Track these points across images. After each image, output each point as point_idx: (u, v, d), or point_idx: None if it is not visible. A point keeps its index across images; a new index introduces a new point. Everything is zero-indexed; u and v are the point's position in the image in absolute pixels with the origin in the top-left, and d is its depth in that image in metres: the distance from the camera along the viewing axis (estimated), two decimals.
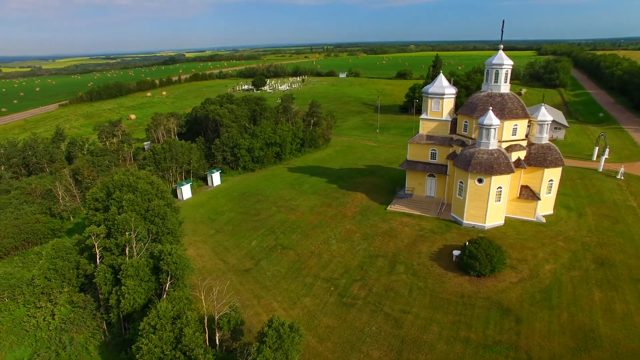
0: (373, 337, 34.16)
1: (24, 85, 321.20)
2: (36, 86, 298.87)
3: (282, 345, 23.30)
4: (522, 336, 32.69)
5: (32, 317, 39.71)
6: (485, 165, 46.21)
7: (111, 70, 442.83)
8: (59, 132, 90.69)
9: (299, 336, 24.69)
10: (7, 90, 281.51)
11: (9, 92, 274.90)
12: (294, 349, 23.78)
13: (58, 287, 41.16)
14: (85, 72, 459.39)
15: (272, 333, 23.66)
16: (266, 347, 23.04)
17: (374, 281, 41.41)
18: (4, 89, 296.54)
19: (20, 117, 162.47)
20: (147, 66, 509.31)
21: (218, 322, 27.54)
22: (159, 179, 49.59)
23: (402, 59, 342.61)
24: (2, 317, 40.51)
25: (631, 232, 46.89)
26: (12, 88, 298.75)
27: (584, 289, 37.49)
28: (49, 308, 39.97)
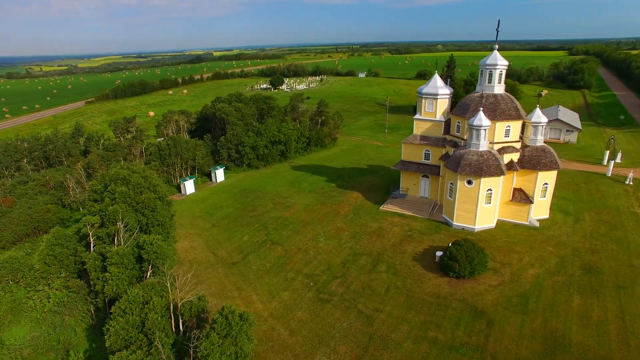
0: (342, 333, 34.71)
1: (58, 83, 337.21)
2: (69, 84, 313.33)
3: (230, 332, 24.32)
4: (490, 339, 32.45)
5: (30, 299, 42.43)
6: (475, 166, 45.76)
7: (140, 69, 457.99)
8: (78, 127, 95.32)
9: (249, 325, 25.60)
10: (42, 88, 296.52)
11: (44, 89, 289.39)
12: (243, 336, 24.71)
13: (56, 272, 43.80)
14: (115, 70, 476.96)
15: (222, 320, 24.75)
16: (214, 332, 24.15)
17: (353, 279, 41.88)
18: (40, 86, 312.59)
19: (50, 114, 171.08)
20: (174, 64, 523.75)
21: (180, 309, 28.86)
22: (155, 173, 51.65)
23: (425, 59, 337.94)
24: (4, 298, 43.51)
25: (628, 239, 45.32)
26: (47, 86, 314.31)
27: (564, 295, 36.71)
28: (46, 291, 42.60)
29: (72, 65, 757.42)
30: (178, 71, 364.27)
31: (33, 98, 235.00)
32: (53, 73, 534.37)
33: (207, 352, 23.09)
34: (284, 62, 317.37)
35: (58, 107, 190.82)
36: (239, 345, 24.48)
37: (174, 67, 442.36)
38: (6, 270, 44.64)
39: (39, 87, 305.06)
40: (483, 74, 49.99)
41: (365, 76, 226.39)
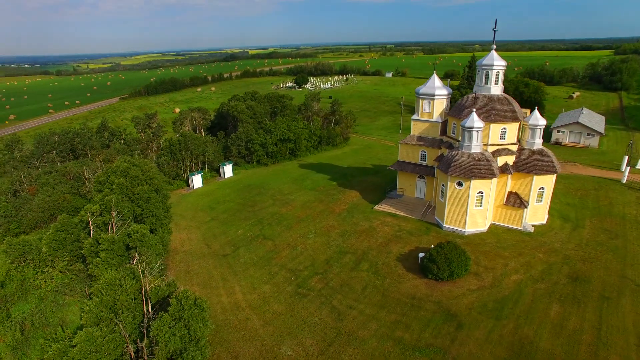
0: (312, 327, 35.48)
1: (99, 80, 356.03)
2: (109, 81, 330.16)
3: (182, 315, 25.76)
4: (456, 342, 32.21)
5: (37, 279, 46.03)
6: (465, 168, 45.13)
7: (176, 66, 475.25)
8: (104, 123, 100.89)
9: (202, 310, 26.91)
10: (85, 85, 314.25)
11: (86, 86, 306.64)
12: (197, 320, 26.09)
13: (61, 256, 47.14)
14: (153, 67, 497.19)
15: (176, 304, 26.22)
16: (167, 315, 25.70)
17: (334, 275, 42.50)
18: (83, 83, 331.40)
19: (87, 109, 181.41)
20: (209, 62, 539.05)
21: (149, 293, 30.68)
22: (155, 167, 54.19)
23: (457, 59, 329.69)
24: (15, 277, 47.46)
25: (626, 249, 43.26)
26: (89, 82, 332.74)
27: (543, 303, 35.72)
28: (50, 273, 46.06)
29: (116, 62, 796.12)
30: (211, 69, 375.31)
31: (75, 94, 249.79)
32: (97, 70, 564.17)
33: (157, 332, 24.70)
34: (311, 62, 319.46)
35: (95, 102, 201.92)
36: (192, 329, 25.87)
37: (208, 65, 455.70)
38: (18, 252, 48.52)
39: (82, 83, 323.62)
40: (480, 75, 49.08)
41: (392, 76, 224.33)
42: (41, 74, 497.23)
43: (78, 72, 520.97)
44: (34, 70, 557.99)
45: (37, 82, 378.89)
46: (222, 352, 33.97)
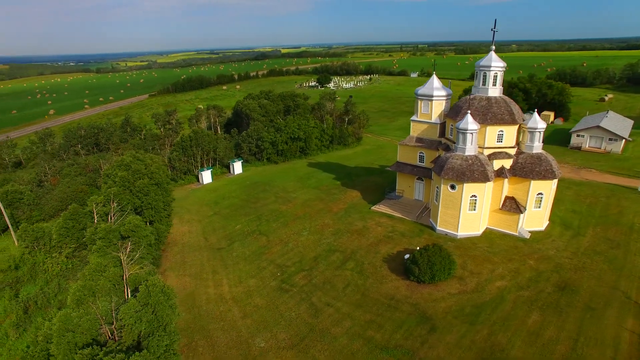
0: (288, 322, 36.27)
1: (134, 77, 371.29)
2: (142, 78, 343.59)
3: (149, 301, 27.19)
4: (425, 345, 32.08)
5: (45, 263, 49.32)
6: (458, 171, 44.52)
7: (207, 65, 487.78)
8: (127, 119, 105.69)
9: (168, 298, 28.25)
10: (119, 82, 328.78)
11: (121, 83, 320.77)
12: (163, 307, 27.46)
13: (68, 243, 50.33)
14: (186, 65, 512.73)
15: (143, 290, 27.71)
16: (134, 300, 27.24)
17: (318, 273, 43.08)
18: (118, 80, 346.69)
19: (118, 105, 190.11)
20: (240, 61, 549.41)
21: (127, 280, 32.46)
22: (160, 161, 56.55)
23: None
24: (28, 260, 51.08)
25: (625, 259, 41.32)
26: (124, 80, 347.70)
27: (522, 310, 34.87)
28: (57, 258, 49.23)
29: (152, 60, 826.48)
30: (241, 67, 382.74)
31: (110, 91, 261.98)
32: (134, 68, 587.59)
33: (123, 316, 26.26)
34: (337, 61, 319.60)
35: (126, 99, 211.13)
36: (158, 314, 27.29)
37: (238, 64, 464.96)
38: (31, 238, 52.15)
39: (117, 81, 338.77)
40: (478, 76, 48.15)
41: (417, 76, 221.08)
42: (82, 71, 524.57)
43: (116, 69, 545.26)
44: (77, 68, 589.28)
45: (78, 80, 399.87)
46: (199, 340, 35.43)
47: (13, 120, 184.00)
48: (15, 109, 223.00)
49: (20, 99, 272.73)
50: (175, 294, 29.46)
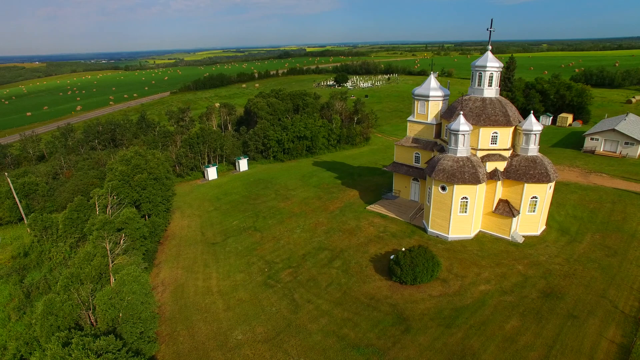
0: (267, 316, 37.00)
1: (159, 75, 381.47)
2: (166, 75, 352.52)
3: (122, 289, 28.52)
4: (397, 345, 32.11)
5: (50, 252, 51.97)
6: (448, 172, 44.09)
7: (232, 63, 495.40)
8: (142, 115, 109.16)
9: (141, 287, 29.48)
10: (145, 79, 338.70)
11: (146, 80, 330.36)
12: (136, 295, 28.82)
13: (73, 232, 52.82)
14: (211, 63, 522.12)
15: (118, 278, 29.08)
16: (109, 287, 28.69)
17: (304, 270, 43.62)
18: (144, 77, 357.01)
19: (140, 102, 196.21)
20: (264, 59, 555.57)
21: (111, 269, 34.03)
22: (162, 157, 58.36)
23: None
24: (36, 248, 53.93)
25: (620, 268, 39.91)
26: (150, 77, 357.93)
27: (502, 315, 34.32)
28: (62, 247, 51.76)
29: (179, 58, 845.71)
30: (264, 66, 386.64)
31: (135, 88, 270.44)
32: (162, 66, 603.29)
33: (97, 302, 27.71)
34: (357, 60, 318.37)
35: (149, 96, 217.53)
36: (132, 303, 28.61)
37: (261, 62, 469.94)
38: (40, 227, 55.03)
39: (142, 78, 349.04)
40: (474, 76, 47.41)
41: (437, 76, 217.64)
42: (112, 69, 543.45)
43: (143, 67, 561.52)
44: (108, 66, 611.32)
45: (107, 77, 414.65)
46: (182, 329, 36.65)
47: (43, 116, 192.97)
48: (47, 105, 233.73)
49: (52, 95, 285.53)
50: (149, 284, 30.66)
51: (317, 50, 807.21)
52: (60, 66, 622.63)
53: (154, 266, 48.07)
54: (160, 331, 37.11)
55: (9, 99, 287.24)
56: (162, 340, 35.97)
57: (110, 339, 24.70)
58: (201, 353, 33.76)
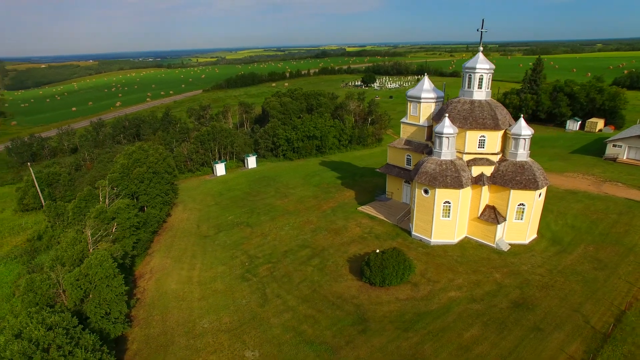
0: (236, 308, 38.33)
1: (197, 73, 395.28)
2: (203, 74, 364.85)
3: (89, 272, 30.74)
4: (350, 345, 32.33)
5: (58, 236, 56.16)
6: (431, 175, 43.53)
7: (269, 62, 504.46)
8: (167, 112, 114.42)
9: (102, 269, 31.59)
10: (184, 77, 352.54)
11: (185, 78, 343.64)
12: (101, 279, 30.97)
13: (80, 220, 56.76)
14: (250, 62, 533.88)
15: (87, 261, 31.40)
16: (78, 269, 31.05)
17: (282, 266, 44.58)
18: (182, 75, 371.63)
19: (174, 99, 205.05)
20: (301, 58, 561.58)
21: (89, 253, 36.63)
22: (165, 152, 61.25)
23: (554, 60, 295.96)
24: (49, 233, 58.47)
25: (605, 281, 37.77)
26: (188, 75, 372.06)
27: (464, 323, 33.61)
28: (68, 232, 55.77)
29: (221, 57, 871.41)
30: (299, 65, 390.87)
31: (172, 85, 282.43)
32: (203, 64, 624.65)
33: (64, 282, 30.10)
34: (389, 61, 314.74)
35: (184, 93, 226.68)
36: (98, 285, 30.84)
37: (297, 62, 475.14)
38: (53, 214, 59.55)
39: (181, 76, 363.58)
40: (464, 78, 46.34)
41: None
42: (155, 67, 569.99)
43: (185, 65, 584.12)
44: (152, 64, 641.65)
45: (149, 74, 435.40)
46: (157, 315, 38.79)
47: (87, 111, 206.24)
48: (92, 100, 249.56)
49: (98, 92, 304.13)
50: (115, 269, 32.74)
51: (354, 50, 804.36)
52: (110, 64, 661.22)
53: (147, 255, 50.85)
54: (137, 314, 39.52)
55: (61, 95, 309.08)
56: (137, 323, 38.27)
57: (66, 315, 26.91)
58: (168, 337, 35.66)
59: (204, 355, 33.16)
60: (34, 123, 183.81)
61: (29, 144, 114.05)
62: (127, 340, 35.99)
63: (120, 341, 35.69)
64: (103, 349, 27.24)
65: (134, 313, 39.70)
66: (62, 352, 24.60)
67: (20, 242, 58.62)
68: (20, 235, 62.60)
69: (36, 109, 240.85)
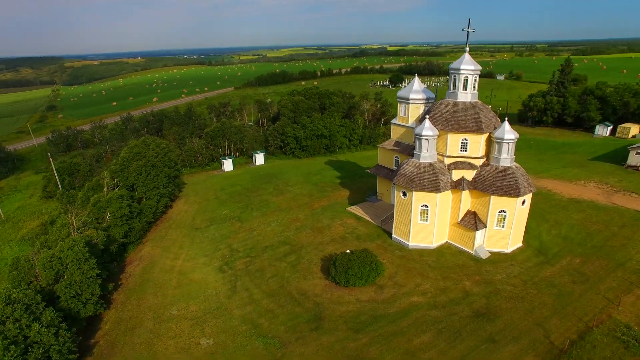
0: (205, 297, 39.93)
1: (234, 70, 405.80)
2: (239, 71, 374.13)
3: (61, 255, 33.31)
4: (299, 341, 32.88)
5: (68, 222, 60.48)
6: (408, 178, 43.00)
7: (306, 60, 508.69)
8: (189, 108, 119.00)
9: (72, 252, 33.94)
10: (221, 74, 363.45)
11: (222, 75, 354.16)
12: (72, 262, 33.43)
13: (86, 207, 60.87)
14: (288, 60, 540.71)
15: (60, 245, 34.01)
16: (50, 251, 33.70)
17: (259, 261, 45.72)
18: (220, 72, 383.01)
19: (205, 96, 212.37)
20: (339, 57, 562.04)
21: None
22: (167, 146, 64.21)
23: (604, 61, 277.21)
24: (53, 218, 63.09)
25: (582, 296, 35.78)
26: (225, 72, 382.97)
27: (417, 329, 33.15)
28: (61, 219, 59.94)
29: (262, 54, 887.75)
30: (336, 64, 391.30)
31: (208, 82, 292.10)
32: (245, 61, 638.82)
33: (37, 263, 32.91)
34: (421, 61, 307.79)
35: (216, 90, 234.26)
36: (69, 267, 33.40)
37: (333, 60, 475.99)
38: (66, 201, 64.14)
39: (218, 73, 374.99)
40: (450, 79, 45.22)
41: (503, 79, 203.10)
42: (197, 64, 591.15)
43: (225, 62, 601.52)
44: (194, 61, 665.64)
45: (189, 71, 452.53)
46: (134, 299, 41.25)
47: (126, 106, 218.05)
48: (133, 96, 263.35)
49: (140, 87, 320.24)
50: (86, 254, 35.08)
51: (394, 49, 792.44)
52: (155, 61, 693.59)
53: (141, 243, 53.77)
54: (117, 298, 42.19)
55: (107, 90, 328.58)
56: (115, 305, 40.92)
57: (29, 292, 29.47)
58: (138, 321, 37.88)
59: (164, 339, 34.97)
60: (77, 116, 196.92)
61: (66, 135, 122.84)
62: (101, 321, 38.66)
63: (95, 321, 38.44)
64: (62, 325, 29.50)
65: (114, 297, 42.41)
66: (18, 325, 27.03)
67: (35, 226, 63.68)
68: (38, 220, 67.97)
69: (83, 103, 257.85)
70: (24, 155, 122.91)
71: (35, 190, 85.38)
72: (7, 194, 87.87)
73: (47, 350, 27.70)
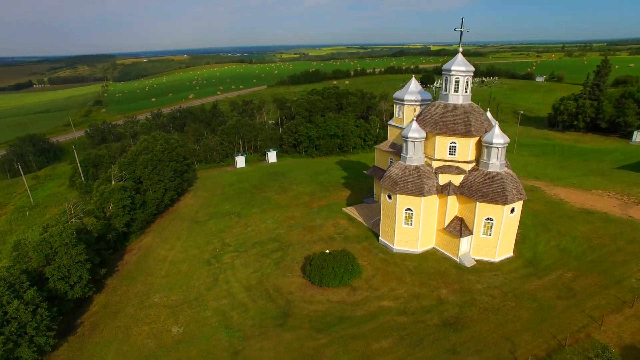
0: (186, 288, 41.55)
1: (272, 69, 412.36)
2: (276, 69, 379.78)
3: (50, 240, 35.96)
4: (261, 336, 33.54)
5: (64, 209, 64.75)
6: (393, 180, 42.46)
7: (345, 59, 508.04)
8: (215, 105, 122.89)
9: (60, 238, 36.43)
10: (257, 72, 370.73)
11: (259, 73, 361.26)
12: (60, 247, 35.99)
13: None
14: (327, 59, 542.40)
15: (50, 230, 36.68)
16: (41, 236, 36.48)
17: (245, 256, 46.79)
18: (257, 70, 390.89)
19: (239, 93, 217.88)
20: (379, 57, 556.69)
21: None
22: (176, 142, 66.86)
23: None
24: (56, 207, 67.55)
25: (564, 313, 33.84)
26: (263, 70, 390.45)
27: (379, 334, 32.79)
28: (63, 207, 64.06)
29: (304, 53, 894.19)
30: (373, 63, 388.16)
31: (245, 80, 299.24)
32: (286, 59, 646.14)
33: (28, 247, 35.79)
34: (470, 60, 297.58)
35: (251, 88, 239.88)
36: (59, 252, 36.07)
37: (372, 60, 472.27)
38: (83, 190, 68.70)
39: (256, 71, 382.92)
40: (442, 81, 43.98)
41: (543, 81, 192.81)
42: (238, 62, 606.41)
43: (265, 61, 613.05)
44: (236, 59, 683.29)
45: (229, 69, 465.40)
46: (124, 285, 43.75)
47: (164, 102, 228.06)
48: (172, 92, 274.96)
49: (181, 84, 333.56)
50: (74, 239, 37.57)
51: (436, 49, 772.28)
52: (199, 59, 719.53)
53: (144, 233, 56.62)
54: (111, 283, 44.86)
55: (150, 87, 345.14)
56: (107, 290, 43.57)
57: (14, 271, 32.21)
58: (122, 305, 40.20)
59: (140, 325, 36.86)
60: (119, 111, 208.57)
61: (102, 129, 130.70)
62: (91, 303, 41.32)
63: (85, 303, 41.16)
64: (42, 304, 31.95)
65: (108, 282, 45.13)
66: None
67: (56, 213, 68.59)
68: (61, 207, 73.07)
69: (126, 99, 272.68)
70: (64, 147, 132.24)
71: (65, 180, 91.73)
72: (42, 182, 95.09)
73: (24, 326, 30.14)
